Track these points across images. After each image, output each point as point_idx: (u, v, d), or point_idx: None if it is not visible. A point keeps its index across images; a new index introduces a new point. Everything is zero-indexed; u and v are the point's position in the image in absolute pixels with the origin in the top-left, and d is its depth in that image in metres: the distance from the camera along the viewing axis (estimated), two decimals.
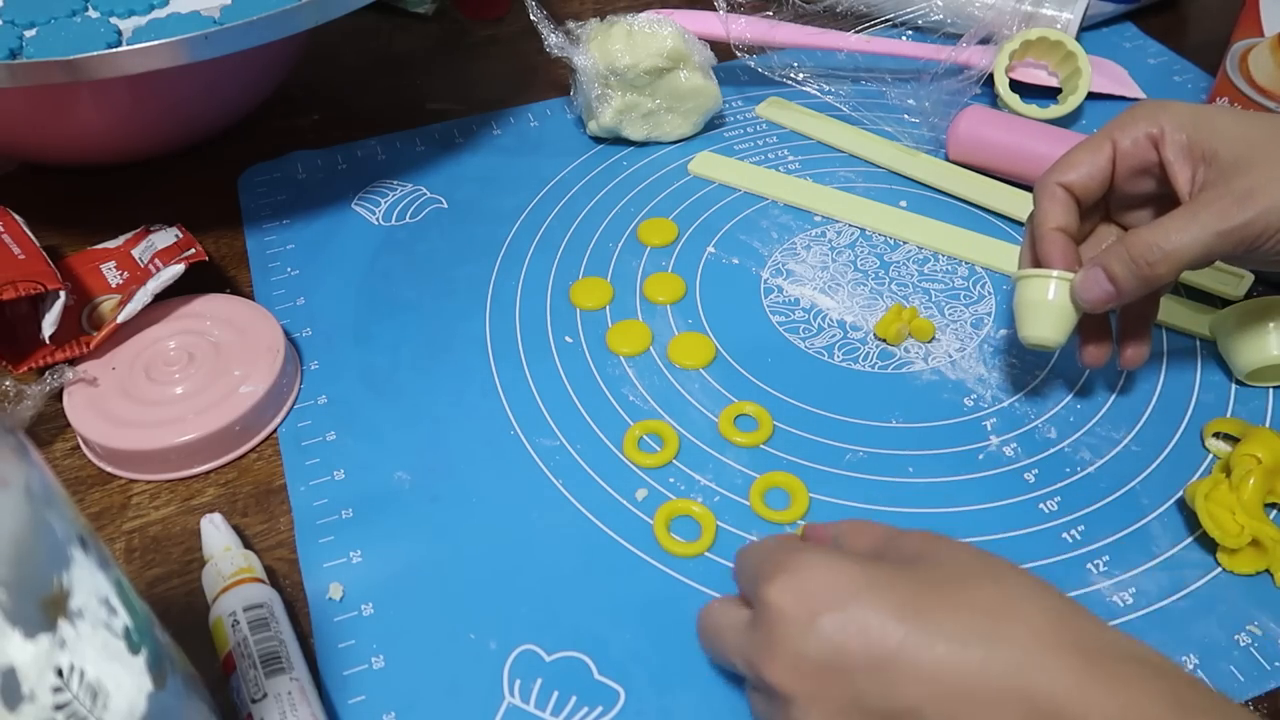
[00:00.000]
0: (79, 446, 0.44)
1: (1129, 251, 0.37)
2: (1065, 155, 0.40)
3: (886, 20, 0.63)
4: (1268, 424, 0.44)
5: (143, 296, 0.45)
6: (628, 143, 0.60)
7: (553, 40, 0.57)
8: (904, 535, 0.32)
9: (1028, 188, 0.55)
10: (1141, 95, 0.63)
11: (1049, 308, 0.39)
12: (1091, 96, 0.62)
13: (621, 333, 0.48)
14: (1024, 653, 0.26)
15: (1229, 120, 0.37)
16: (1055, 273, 0.39)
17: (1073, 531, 0.40)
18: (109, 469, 0.43)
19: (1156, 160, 0.38)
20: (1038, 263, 0.41)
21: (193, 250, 0.49)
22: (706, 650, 0.34)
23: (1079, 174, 0.39)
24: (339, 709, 0.35)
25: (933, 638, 0.27)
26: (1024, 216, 0.53)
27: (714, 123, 0.61)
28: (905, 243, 0.53)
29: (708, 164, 0.58)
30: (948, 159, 0.58)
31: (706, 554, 0.39)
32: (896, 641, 0.27)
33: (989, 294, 0.50)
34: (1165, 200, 0.39)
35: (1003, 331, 0.48)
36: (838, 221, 0.54)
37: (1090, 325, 0.42)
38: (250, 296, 0.51)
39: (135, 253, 0.50)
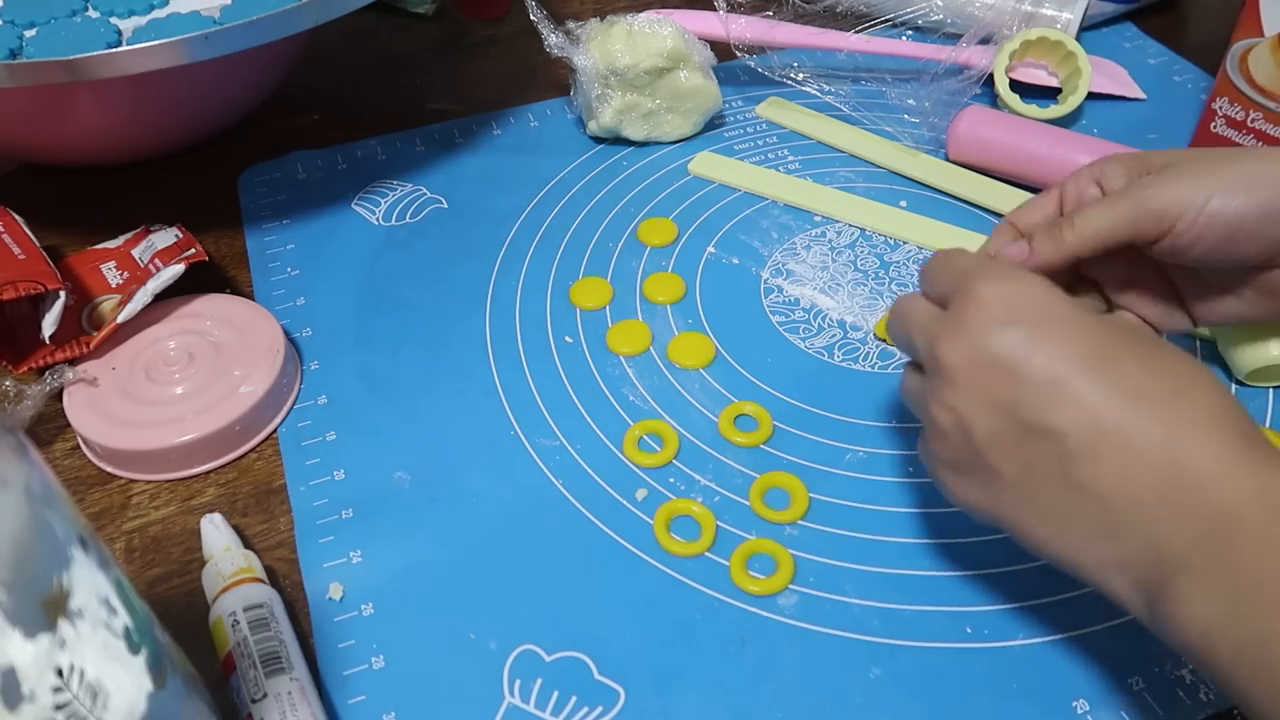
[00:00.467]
0: (79, 446, 0.44)
1: (1048, 223, 0.38)
2: (1025, 204, 0.41)
3: (886, 20, 0.63)
4: (1267, 424, 0.44)
5: (143, 296, 0.45)
6: (628, 143, 0.60)
7: (553, 40, 0.57)
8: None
9: (1028, 188, 0.55)
10: (1141, 95, 0.63)
11: None
12: (1091, 96, 0.62)
13: (621, 333, 0.48)
14: (1188, 424, 0.28)
15: (1168, 150, 0.38)
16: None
17: None
18: (109, 469, 0.43)
19: (1100, 195, 0.39)
20: None
21: (193, 250, 0.49)
22: (892, 329, 0.36)
23: (1029, 215, 0.40)
24: (339, 709, 0.35)
25: (1111, 380, 0.29)
26: None
27: (714, 123, 0.61)
28: (905, 243, 0.53)
29: (708, 164, 0.58)
30: (948, 159, 0.58)
31: (706, 554, 0.39)
32: (1078, 370, 0.29)
33: None
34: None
35: None
36: (838, 221, 0.54)
37: None
38: (250, 296, 0.51)
39: (135, 253, 0.50)
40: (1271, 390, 0.45)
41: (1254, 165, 0.35)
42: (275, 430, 0.44)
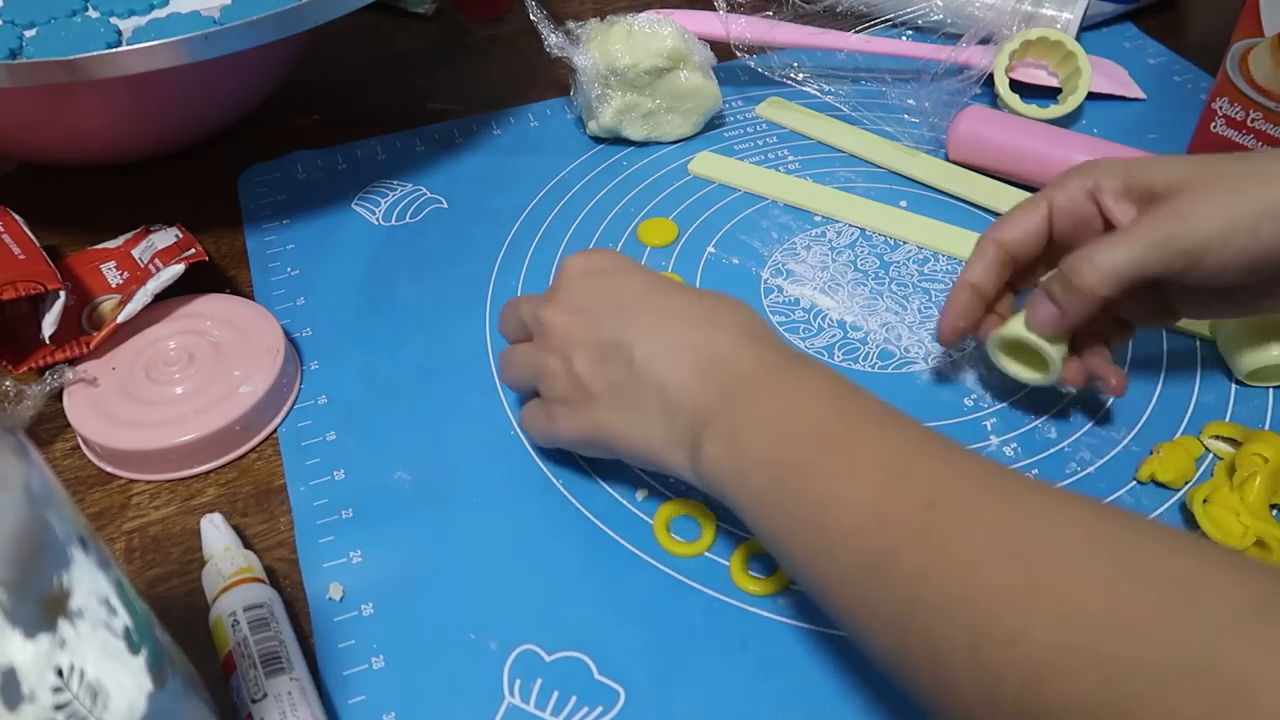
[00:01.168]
0: (79, 446, 0.44)
1: (1063, 268, 0.37)
2: (1007, 215, 0.41)
3: (886, 20, 0.63)
4: (1267, 425, 0.44)
5: (143, 296, 0.45)
6: (628, 143, 0.60)
7: (553, 40, 0.57)
8: None
9: (1028, 188, 0.55)
10: (1141, 95, 0.63)
11: (1026, 347, 0.40)
12: (1091, 96, 0.62)
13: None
14: (719, 326, 0.35)
15: (1164, 162, 0.37)
16: (1041, 377, 0.41)
17: None
18: (109, 469, 0.43)
19: (1097, 213, 0.39)
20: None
21: (193, 250, 0.49)
22: (509, 359, 0.41)
23: (1014, 231, 0.40)
24: (339, 709, 0.35)
25: (665, 303, 0.36)
26: None
27: (714, 123, 0.61)
28: (905, 243, 0.53)
29: (708, 164, 0.58)
30: (948, 159, 0.58)
31: (706, 554, 0.39)
32: (640, 298, 0.37)
33: None
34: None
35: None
36: (838, 221, 0.54)
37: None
38: (250, 296, 0.51)
39: (135, 253, 0.50)
40: (1271, 390, 0.45)
41: (1271, 189, 0.35)
42: (275, 430, 0.44)
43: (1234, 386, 0.45)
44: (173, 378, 0.44)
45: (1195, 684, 0.22)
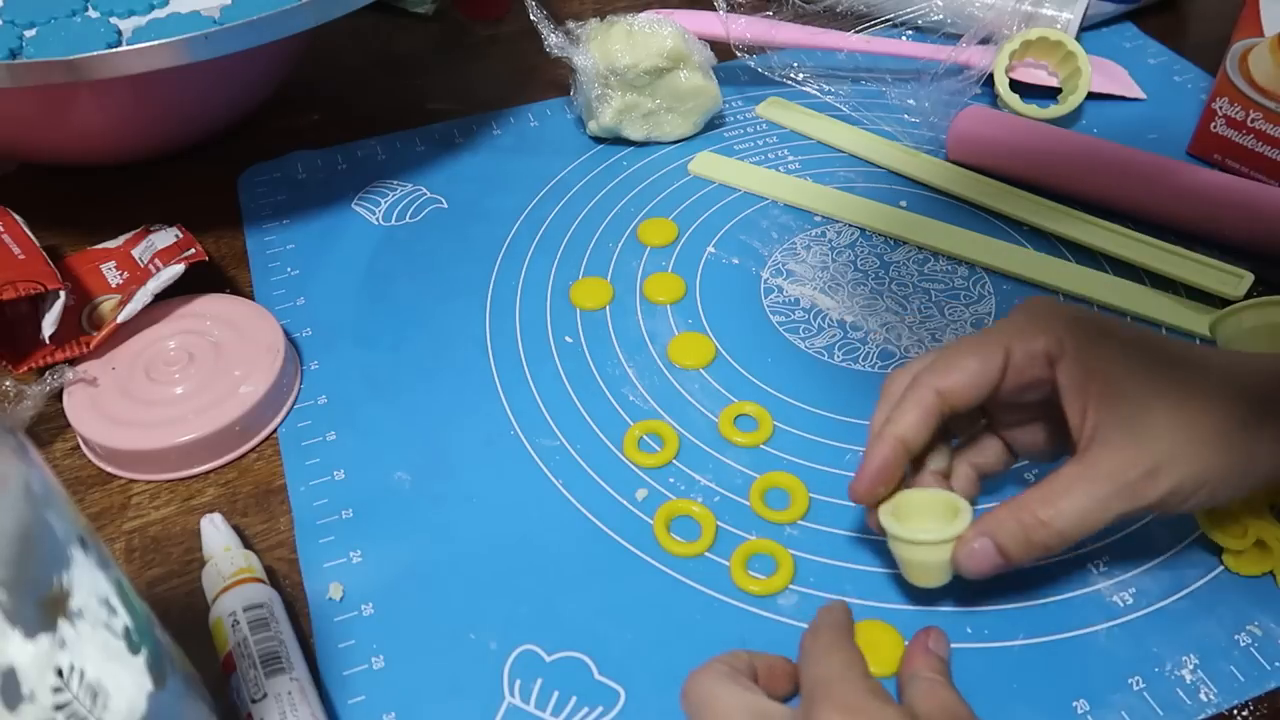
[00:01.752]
0: (79, 446, 0.44)
1: (1018, 522, 0.33)
2: (952, 357, 0.34)
3: (886, 20, 0.63)
4: None
5: (143, 296, 0.45)
6: (628, 143, 0.60)
7: (553, 40, 0.57)
8: None
9: (1028, 188, 0.55)
10: (1141, 95, 0.63)
11: (934, 566, 0.34)
12: (1091, 96, 0.62)
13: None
14: None
15: (1132, 352, 0.33)
16: (936, 538, 0.34)
17: None
18: (109, 469, 0.43)
19: (1050, 378, 0.34)
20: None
21: (193, 250, 0.49)
22: (695, 716, 0.31)
23: (960, 382, 0.34)
24: (339, 709, 0.35)
25: None
26: (1025, 216, 0.53)
27: (714, 123, 0.61)
28: (905, 243, 0.53)
29: (708, 164, 0.58)
30: (948, 159, 0.58)
31: (706, 554, 0.39)
32: None
33: (989, 294, 0.50)
34: (1053, 418, 0.35)
35: None
36: (838, 221, 0.54)
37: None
38: (250, 296, 0.51)
39: (135, 253, 0.50)
40: None
41: (1247, 438, 0.32)
42: (275, 430, 0.44)
43: None
44: (173, 378, 0.44)
45: None
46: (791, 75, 0.63)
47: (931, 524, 0.35)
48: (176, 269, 0.47)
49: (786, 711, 0.30)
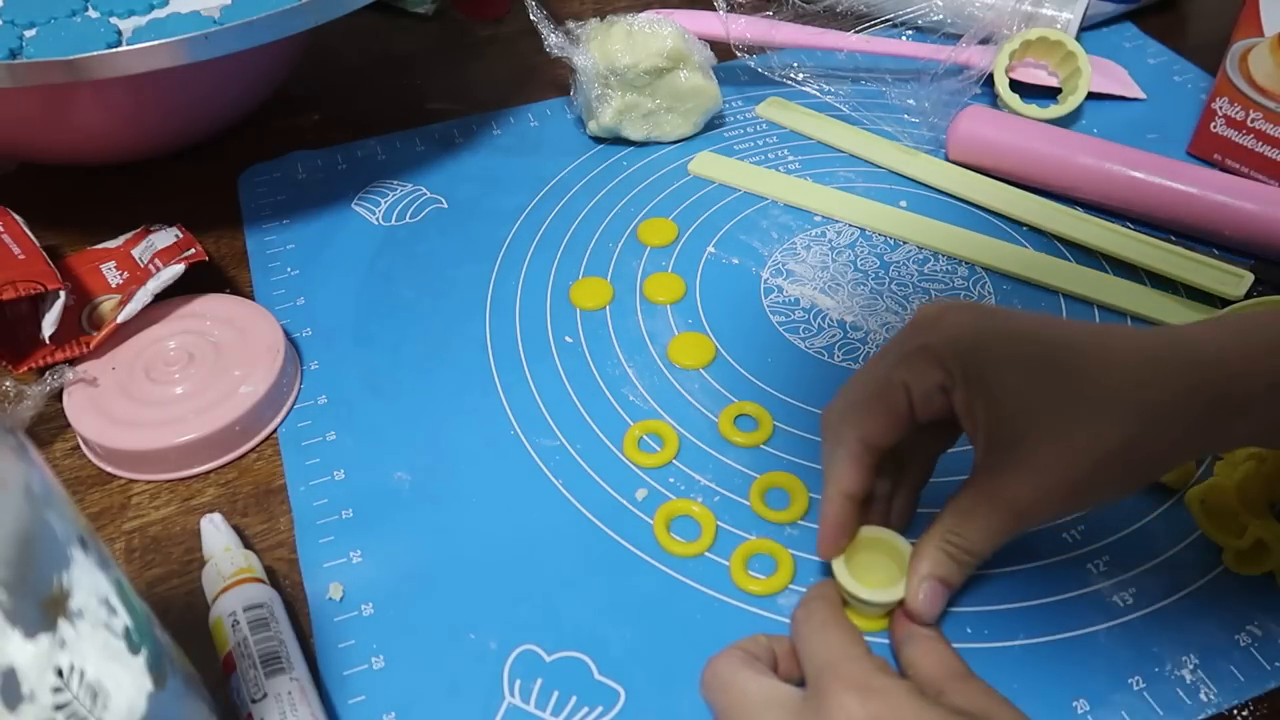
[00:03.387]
0: (79, 446, 0.44)
1: (945, 553, 0.34)
2: (857, 402, 0.35)
3: (886, 20, 0.63)
4: None
5: (143, 296, 0.45)
6: (628, 143, 0.60)
7: (553, 40, 0.57)
8: (970, 681, 0.32)
9: (1028, 188, 0.55)
10: (1141, 95, 0.63)
11: (886, 612, 0.36)
12: (1091, 96, 0.62)
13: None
14: None
15: (1018, 375, 0.33)
16: (886, 600, 0.35)
17: (1073, 531, 0.40)
18: (109, 469, 0.43)
19: (949, 406, 0.34)
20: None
21: (193, 250, 0.49)
22: (720, 704, 0.32)
23: (878, 429, 0.35)
24: (339, 709, 0.35)
25: None
26: (1025, 216, 0.53)
27: (714, 123, 0.61)
28: (905, 243, 0.53)
29: (708, 164, 0.58)
30: (948, 159, 0.58)
31: (706, 554, 0.39)
32: None
33: (989, 294, 0.50)
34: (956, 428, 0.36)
35: None
36: (838, 221, 0.54)
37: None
38: (250, 296, 0.51)
39: (135, 253, 0.50)
40: None
41: (1135, 455, 0.32)
42: (275, 430, 0.44)
43: None
44: (173, 378, 0.44)
45: None
46: (791, 75, 0.63)
47: (882, 577, 0.36)
48: (176, 269, 0.47)
49: (799, 694, 0.31)
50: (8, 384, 0.44)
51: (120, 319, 0.45)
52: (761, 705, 0.31)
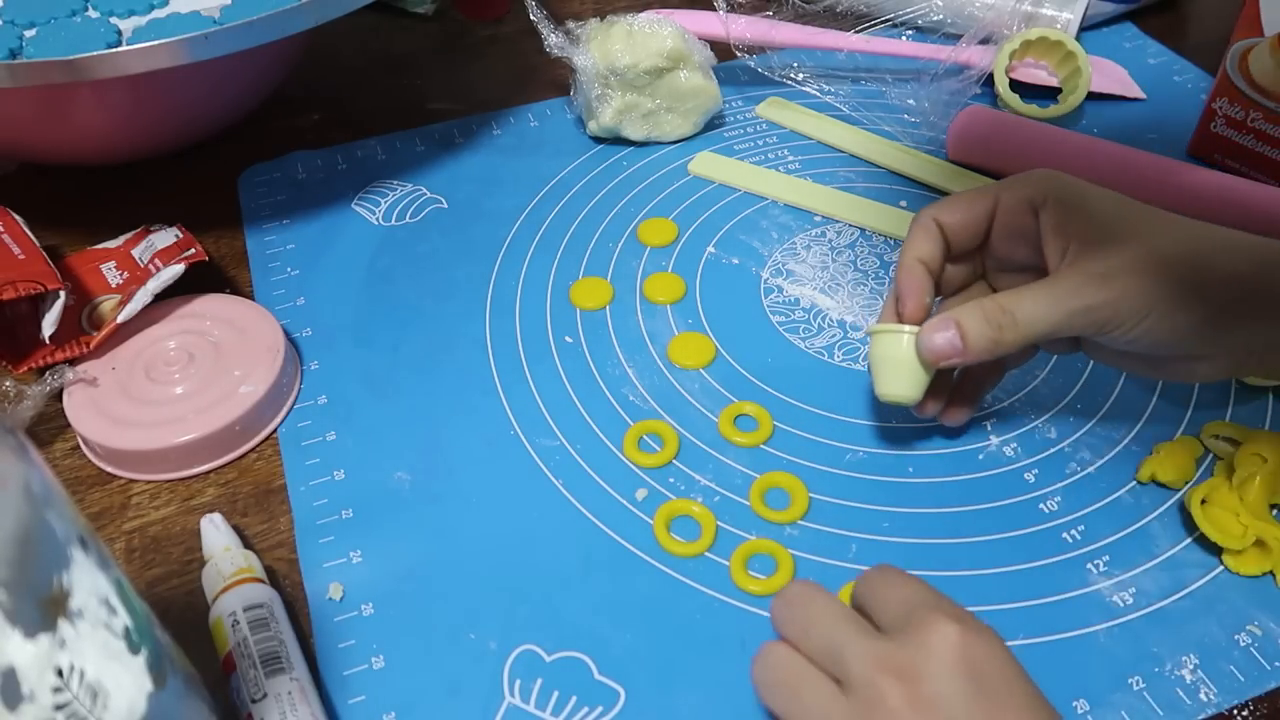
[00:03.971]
0: (79, 446, 0.44)
1: (983, 310, 0.36)
2: (948, 200, 0.39)
3: (886, 20, 0.63)
4: (1267, 425, 0.44)
5: (143, 296, 0.45)
6: (628, 143, 0.60)
7: (553, 40, 0.57)
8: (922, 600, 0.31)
9: None
10: (1141, 95, 0.63)
11: (902, 363, 0.38)
12: (1091, 96, 0.62)
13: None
14: None
15: (1109, 204, 0.37)
16: (907, 328, 0.38)
17: (1073, 531, 0.40)
18: (109, 469, 0.43)
19: (1034, 227, 0.37)
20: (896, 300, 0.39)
21: (193, 250, 0.49)
22: (793, 620, 0.32)
23: (955, 216, 0.38)
24: (339, 709, 0.35)
25: None
26: None
27: (714, 123, 0.61)
28: None
29: (708, 164, 0.58)
30: (948, 159, 0.58)
31: (706, 554, 0.39)
32: None
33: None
34: (1039, 272, 0.38)
35: None
36: (838, 221, 0.54)
37: (942, 383, 0.41)
38: (250, 296, 0.51)
39: (135, 253, 0.50)
40: (1271, 391, 0.45)
41: (1196, 271, 0.34)
42: (275, 430, 0.44)
43: (1234, 386, 0.45)
44: (173, 378, 0.44)
45: None
46: (791, 75, 0.63)
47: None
48: (176, 269, 0.47)
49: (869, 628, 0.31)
50: (8, 384, 0.44)
51: (120, 319, 0.45)
52: (860, 625, 0.30)
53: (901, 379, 0.38)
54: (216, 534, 0.38)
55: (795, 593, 0.33)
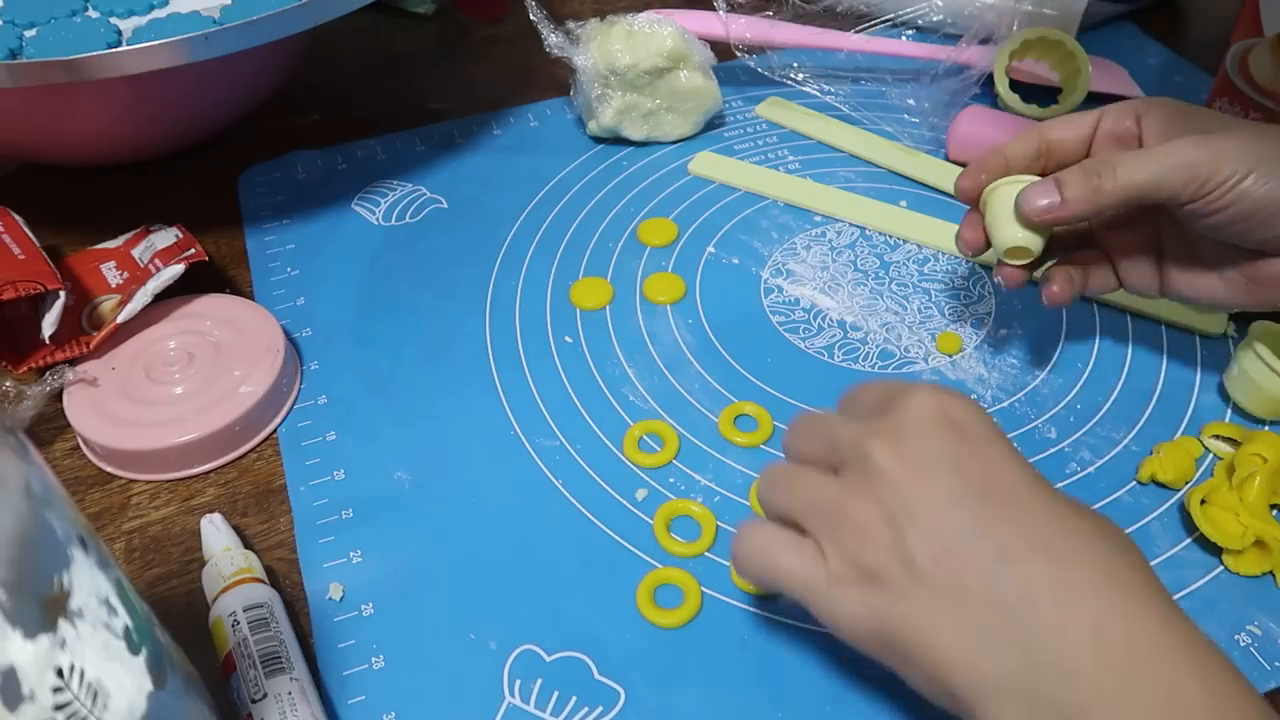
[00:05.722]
0: (79, 446, 0.44)
1: (1083, 167, 0.38)
2: (1053, 119, 0.42)
3: (886, 20, 0.63)
4: (1267, 425, 0.44)
5: (143, 296, 0.45)
6: (628, 143, 0.60)
7: (553, 40, 0.57)
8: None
9: None
10: (1141, 95, 0.62)
11: (1006, 214, 0.40)
12: (1091, 96, 0.62)
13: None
14: (1138, 592, 0.27)
15: (1207, 113, 0.39)
16: (1025, 178, 0.40)
17: None
18: (109, 469, 0.43)
19: (1136, 132, 0.39)
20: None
21: (193, 250, 0.49)
22: (801, 435, 0.34)
23: (1060, 131, 0.41)
24: (339, 709, 0.35)
25: (1051, 505, 0.29)
26: None
27: (714, 123, 0.61)
28: (905, 242, 0.53)
29: (708, 164, 0.58)
30: (948, 159, 0.58)
31: (706, 554, 0.39)
32: (1015, 489, 0.29)
33: (989, 294, 0.50)
34: (1155, 251, 0.41)
35: (1003, 331, 0.48)
36: (838, 221, 0.54)
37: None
38: (250, 296, 0.51)
39: (135, 253, 0.50)
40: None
41: None
42: (275, 430, 0.44)
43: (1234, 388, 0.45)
44: (173, 378, 0.44)
45: None
46: (791, 75, 0.63)
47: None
48: (176, 269, 0.47)
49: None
50: (8, 384, 0.44)
51: (120, 319, 0.45)
52: (843, 419, 0.32)
53: (1019, 228, 0.40)
54: (216, 534, 0.38)
55: (801, 422, 0.34)
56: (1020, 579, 0.27)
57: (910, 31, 0.66)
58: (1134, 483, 0.41)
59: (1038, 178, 0.40)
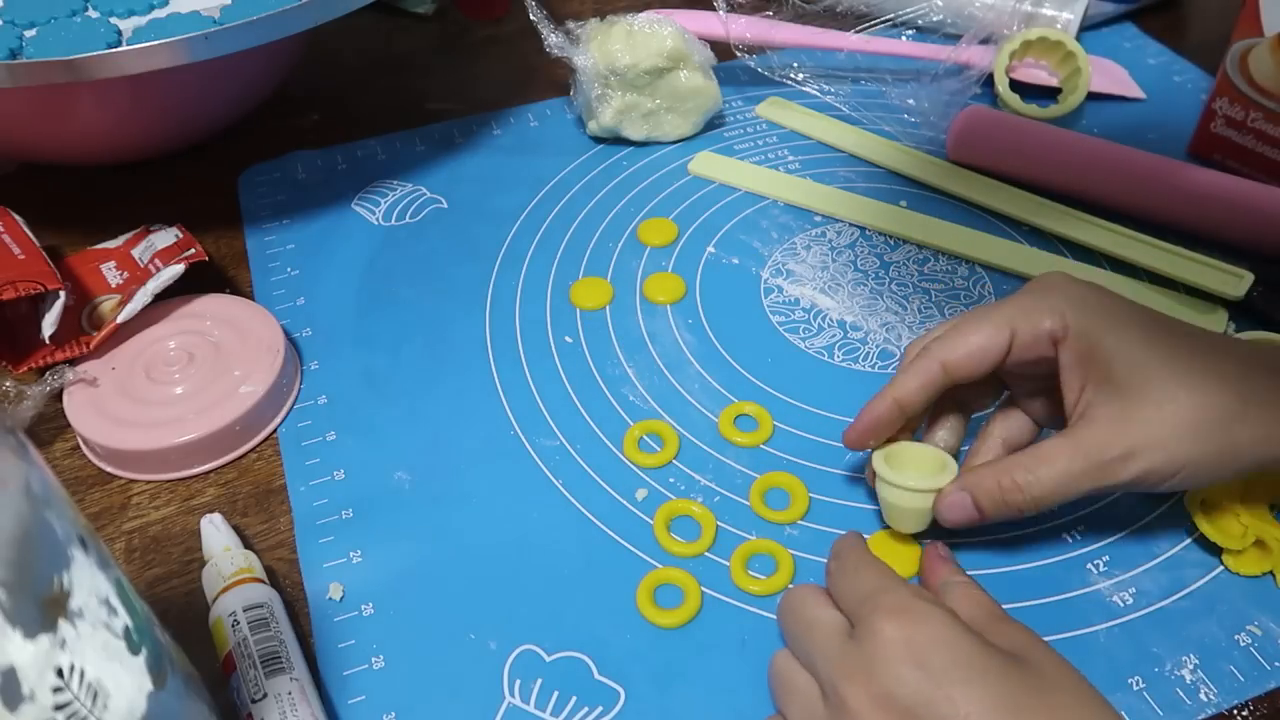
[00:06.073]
0: (79, 446, 0.44)
1: (998, 483, 0.35)
2: (960, 331, 0.36)
3: (886, 20, 0.63)
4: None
5: (143, 296, 0.45)
6: (628, 143, 0.60)
7: (553, 40, 0.57)
8: (1008, 623, 0.33)
9: (1028, 188, 0.55)
10: (1141, 95, 0.63)
11: (914, 513, 0.37)
12: (1091, 96, 0.62)
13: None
14: None
15: (1132, 337, 0.35)
16: (921, 487, 0.37)
17: (1073, 531, 0.40)
18: (109, 469, 0.43)
19: (1053, 357, 0.36)
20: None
21: (193, 250, 0.49)
22: (786, 629, 0.35)
23: (967, 358, 0.36)
24: (339, 709, 0.35)
25: None
26: (1025, 216, 0.53)
27: (714, 123, 0.61)
28: (905, 242, 0.53)
29: (708, 164, 0.58)
30: (948, 159, 0.58)
31: (706, 554, 0.39)
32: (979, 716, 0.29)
33: (989, 294, 0.50)
34: (1055, 392, 0.37)
35: None
36: (838, 221, 0.54)
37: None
38: (250, 296, 0.51)
39: (135, 253, 0.50)
40: None
41: (1230, 431, 0.33)
42: (275, 430, 0.44)
43: None
44: (173, 378, 0.44)
45: None
46: (791, 75, 0.63)
47: (919, 474, 0.37)
48: (176, 269, 0.47)
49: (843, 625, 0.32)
50: (8, 384, 0.44)
51: (120, 319, 0.45)
52: (829, 632, 0.32)
53: (911, 522, 0.38)
54: (216, 534, 0.38)
55: (785, 603, 0.35)
56: None
57: (910, 31, 0.66)
58: None
59: (930, 448, 0.38)
